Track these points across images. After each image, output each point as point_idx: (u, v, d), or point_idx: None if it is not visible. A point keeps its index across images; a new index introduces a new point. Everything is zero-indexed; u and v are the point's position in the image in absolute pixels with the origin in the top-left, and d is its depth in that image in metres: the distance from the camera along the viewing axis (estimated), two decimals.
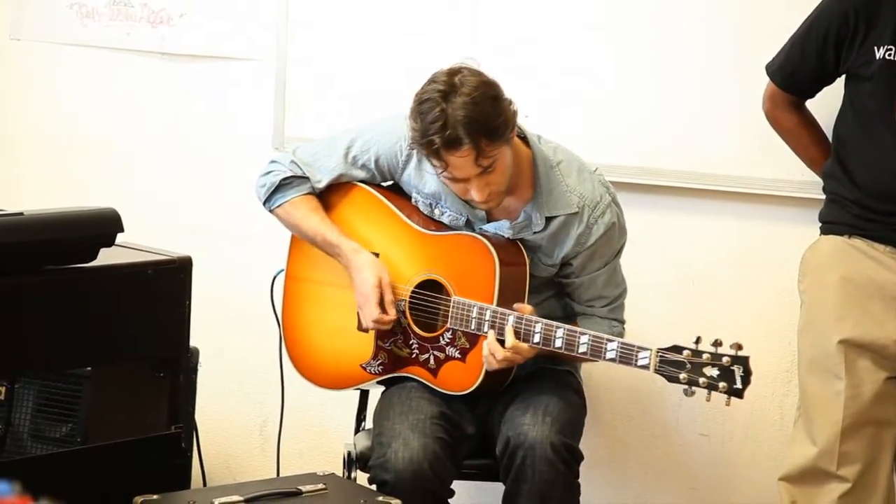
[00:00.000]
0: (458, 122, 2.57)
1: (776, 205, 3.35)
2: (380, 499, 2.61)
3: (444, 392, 2.82)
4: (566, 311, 2.90)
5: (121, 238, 2.63)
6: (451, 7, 3.47)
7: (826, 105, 3.04)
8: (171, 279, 2.75)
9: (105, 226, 2.61)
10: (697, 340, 2.49)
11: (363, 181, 2.95)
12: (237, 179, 3.67)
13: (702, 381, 2.47)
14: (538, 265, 2.83)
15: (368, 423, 3.05)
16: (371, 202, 2.94)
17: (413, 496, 2.63)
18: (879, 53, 2.83)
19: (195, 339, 2.89)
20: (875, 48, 2.84)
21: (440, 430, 2.74)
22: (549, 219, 2.79)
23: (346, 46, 3.56)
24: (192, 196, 3.79)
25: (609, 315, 2.87)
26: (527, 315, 2.68)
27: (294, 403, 3.38)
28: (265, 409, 3.73)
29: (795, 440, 2.95)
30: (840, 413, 2.83)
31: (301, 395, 3.35)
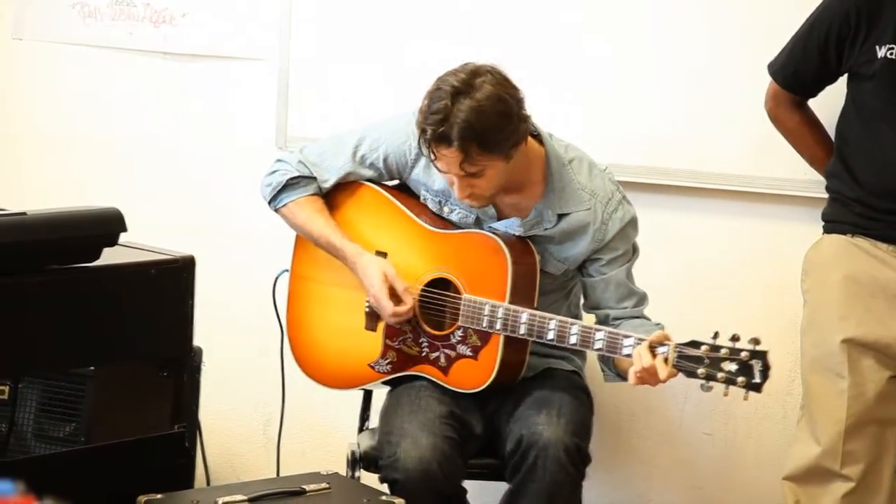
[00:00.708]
0: (456, 123, 2.57)
1: (779, 204, 3.35)
2: (383, 498, 2.61)
3: (456, 390, 2.81)
4: (572, 314, 2.90)
5: (124, 238, 2.62)
6: (453, 6, 3.47)
7: (828, 104, 3.04)
8: (175, 279, 2.74)
9: (108, 225, 2.60)
10: (715, 335, 2.44)
11: (370, 180, 2.95)
12: (240, 179, 3.67)
13: (720, 376, 2.42)
14: (549, 262, 2.83)
15: (372, 423, 3.05)
16: (379, 201, 2.94)
17: (423, 495, 2.63)
18: (881, 52, 2.83)
19: (198, 339, 2.88)
20: (877, 47, 2.84)
21: (449, 430, 2.73)
22: (561, 216, 2.79)
23: (349, 46, 3.56)
24: (195, 195, 3.79)
25: (643, 315, 2.83)
26: (539, 312, 2.68)
27: (297, 403, 3.38)
28: (269, 409, 3.73)
29: (799, 439, 2.95)
30: (843, 412, 2.83)
31: (304, 395, 3.34)
